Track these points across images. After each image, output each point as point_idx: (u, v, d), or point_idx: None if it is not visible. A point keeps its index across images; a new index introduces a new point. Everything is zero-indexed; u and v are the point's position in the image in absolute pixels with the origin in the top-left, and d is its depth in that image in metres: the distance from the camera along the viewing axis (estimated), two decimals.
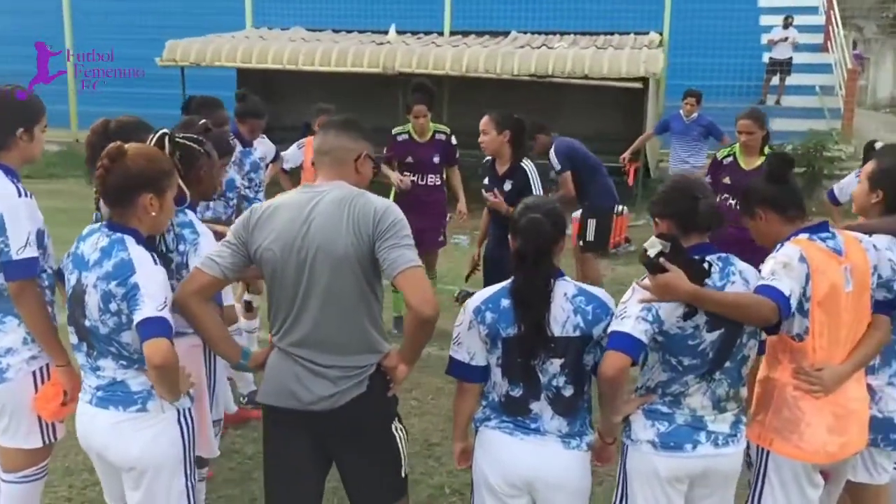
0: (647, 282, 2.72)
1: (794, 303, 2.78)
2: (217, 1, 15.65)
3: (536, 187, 5.17)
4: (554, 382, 2.79)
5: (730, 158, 5.84)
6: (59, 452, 3.99)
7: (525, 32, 13.56)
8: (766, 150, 5.78)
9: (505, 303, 2.80)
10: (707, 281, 2.74)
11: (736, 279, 2.80)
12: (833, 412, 2.91)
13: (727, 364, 2.80)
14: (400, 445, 2.93)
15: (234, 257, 2.79)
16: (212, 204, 5.36)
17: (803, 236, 2.94)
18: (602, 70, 11.00)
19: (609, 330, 2.73)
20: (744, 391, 2.93)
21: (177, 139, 3.16)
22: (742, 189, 3.25)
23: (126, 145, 2.70)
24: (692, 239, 2.82)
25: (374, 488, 2.95)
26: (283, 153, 6.66)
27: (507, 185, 5.23)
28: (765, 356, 3.03)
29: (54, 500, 4.03)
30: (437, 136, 6.52)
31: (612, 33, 13.34)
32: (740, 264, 2.86)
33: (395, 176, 6.40)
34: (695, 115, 9.45)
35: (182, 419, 2.76)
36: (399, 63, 11.38)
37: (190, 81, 12.49)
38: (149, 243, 2.77)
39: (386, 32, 13.10)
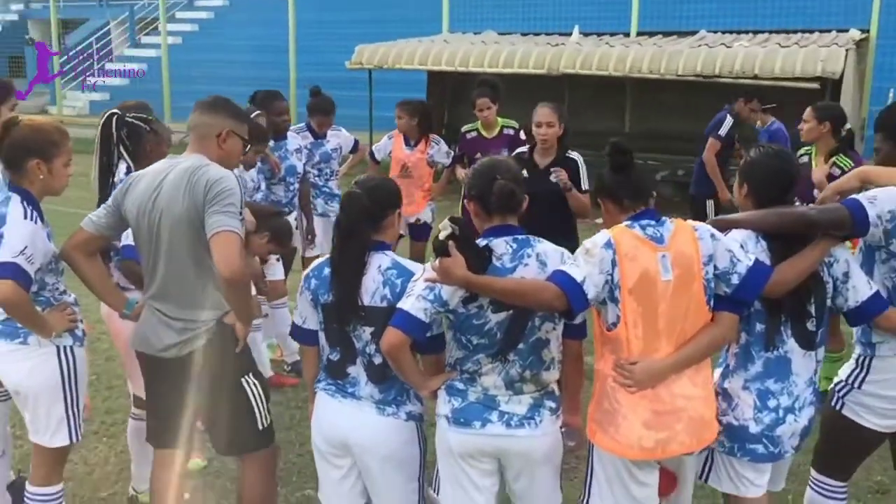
0: (436, 263, 2.81)
1: (590, 289, 2.74)
2: (416, 10, 16.51)
3: (584, 179, 5.20)
4: (367, 349, 2.96)
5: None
6: None
7: (714, 32, 12.99)
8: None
9: (326, 271, 3.01)
10: (496, 262, 2.79)
11: (530, 262, 2.81)
12: (652, 408, 2.82)
13: (520, 346, 2.82)
14: (252, 398, 3.23)
15: (108, 218, 3.23)
16: (274, 188, 5.92)
17: (625, 224, 2.88)
18: (773, 70, 10.36)
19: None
20: (549, 375, 2.91)
21: (125, 118, 3.68)
22: None
23: (21, 118, 3.23)
24: (494, 220, 2.87)
25: (230, 437, 3.29)
26: (375, 145, 7.10)
27: (553, 178, 5.28)
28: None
29: None
30: (506, 131, 6.62)
31: (810, 31, 12.43)
32: (543, 247, 2.86)
33: (462, 172, 6.59)
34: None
35: (62, 355, 3.25)
36: (563, 64, 11.44)
37: (380, 84, 13.38)
38: None
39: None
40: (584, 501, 3.01)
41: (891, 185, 2.98)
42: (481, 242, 2.83)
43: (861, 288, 2.98)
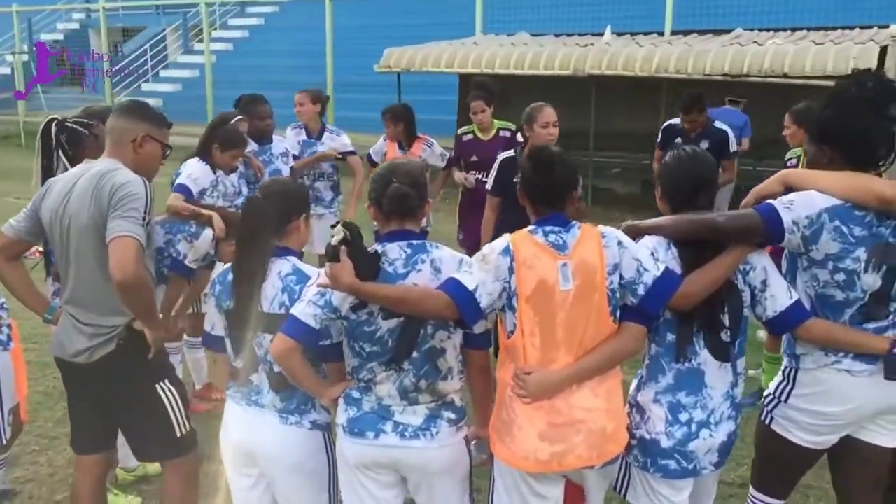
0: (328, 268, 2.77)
1: (483, 297, 2.68)
2: (451, 14, 16.47)
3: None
4: (268, 357, 2.93)
5: None
6: None
7: (751, 30, 12.64)
8: None
9: (230, 277, 2.99)
10: (387, 267, 2.74)
11: (423, 268, 2.75)
12: (548, 419, 2.73)
13: (414, 354, 2.76)
14: (168, 405, 3.23)
15: (27, 222, 3.27)
16: (244, 191, 5.93)
17: (528, 229, 2.79)
18: (804, 68, 10.02)
19: None
20: (447, 385, 2.83)
21: (65, 123, 3.73)
22: None
23: None
24: (391, 224, 2.81)
25: (146, 443, 3.30)
26: (372, 148, 7.08)
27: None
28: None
29: None
30: (502, 133, 6.55)
31: (850, 27, 12.00)
32: (440, 253, 2.80)
33: (458, 175, 6.54)
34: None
35: None
36: (589, 65, 11.27)
37: (414, 87, 13.38)
38: None
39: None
40: None
41: (812, 189, 2.83)
42: (377, 248, 2.78)
43: (780, 297, 2.84)
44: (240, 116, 5.68)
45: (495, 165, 5.50)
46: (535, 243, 2.74)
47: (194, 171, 5.01)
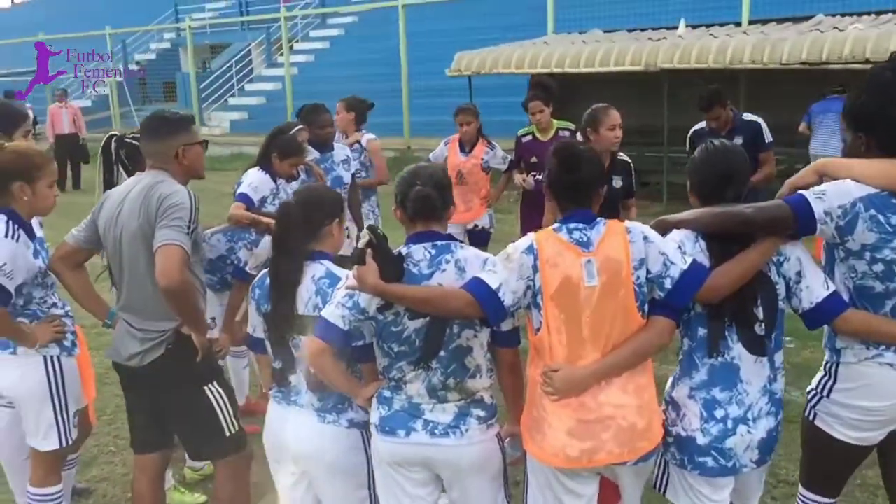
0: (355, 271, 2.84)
1: (507, 296, 2.70)
2: (523, 15, 16.45)
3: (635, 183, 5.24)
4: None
5: None
6: None
7: (833, 15, 12.23)
8: None
9: (268, 281, 3.10)
10: (412, 269, 2.78)
11: (448, 268, 2.79)
12: (577, 416, 2.73)
13: (441, 353, 2.80)
14: (217, 406, 3.36)
15: (86, 232, 3.44)
16: None
17: (552, 227, 2.81)
18: (886, 52, 9.62)
19: None
20: (476, 383, 2.86)
21: (124, 139, 3.92)
22: None
23: (6, 143, 3.49)
24: (417, 226, 2.86)
25: (196, 443, 3.44)
26: (432, 153, 7.15)
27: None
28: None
29: None
30: (561, 133, 6.53)
31: None
32: (464, 253, 2.83)
33: (518, 177, 6.54)
34: None
35: (49, 364, 3.48)
36: (661, 59, 11.10)
37: (486, 90, 13.44)
38: None
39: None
40: None
41: (848, 178, 2.75)
42: (402, 250, 2.84)
43: (816, 288, 2.77)
44: (300, 126, 5.82)
45: None
46: (559, 241, 2.75)
47: (254, 181, 5.16)
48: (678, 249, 2.77)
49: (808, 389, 3.01)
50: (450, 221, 7.06)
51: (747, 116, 6.40)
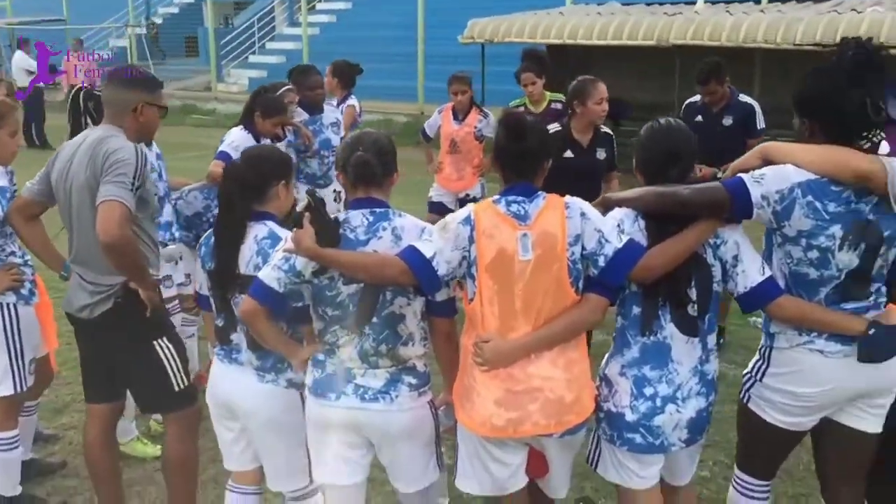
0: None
1: (441, 265, 2.72)
2: None
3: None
4: None
5: None
6: None
7: None
8: None
9: (213, 240, 3.13)
10: (349, 234, 2.80)
11: (384, 235, 2.81)
12: (505, 386, 2.76)
13: (374, 320, 2.82)
14: (165, 361, 3.41)
15: (41, 184, 3.47)
16: (308, 161, 6.11)
17: (493, 198, 2.81)
18: None
19: None
20: (408, 350, 2.89)
21: (92, 91, 3.95)
22: None
23: None
24: (358, 192, 2.87)
25: (145, 396, 3.50)
26: (426, 122, 7.13)
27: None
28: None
29: None
30: (553, 106, 6.48)
31: None
32: (402, 221, 2.85)
33: None
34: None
35: (4, 311, 3.55)
36: (674, 35, 10.97)
37: (497, 58, 13.31)
38: None
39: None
40: (455, 475, 2.99)
41: (789, 163, 2.73)
42: (341, 216, 2.85)
43: (751, 273, 2.76)
44: (288, 86, 5.83)
45: None
46: (496, 213, 2.76)
47: (236, 139, 5.20)
48: (616, 227, 2.77)
49: (744, 373, 3.02)
50: (444, 189, 7.06)
51: (743, 98, 6.21)
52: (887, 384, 2.83)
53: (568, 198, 2.82)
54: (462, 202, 6.94)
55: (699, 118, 6.34)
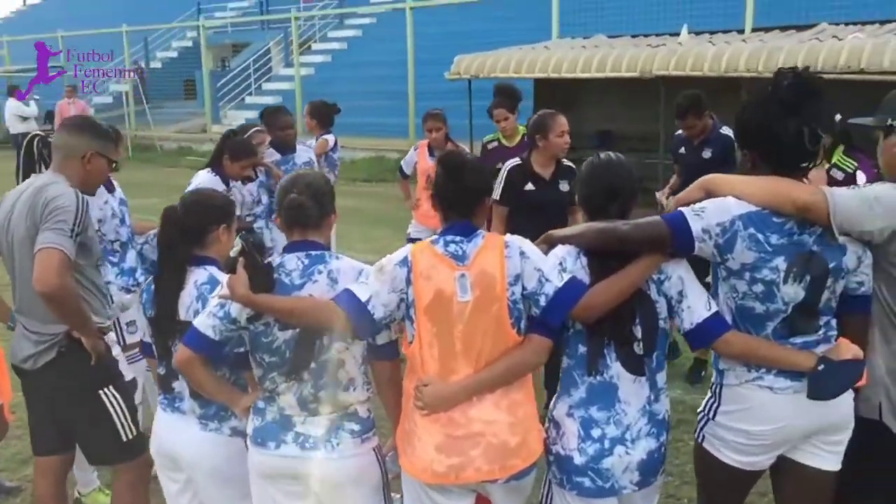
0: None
1: (378, 309, 2.67)
2: (528, 19, 16.38)
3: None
4: None
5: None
6: None
7: (837, 24, 12.02)
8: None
9: (153, 286, 3.08)
10: (284, 279, 2.75)
11: (320, 279, 2.75)
12: (445, 431, 2.70)
13: (312, 365, 2.76)
14: (112, 411, 3.34)
15: None
16: (264, 199, 6.07)
17: (430, 239, 2.77)
18: (882, 63, 9.45)
19: None
20: (349, 396, 2.82)
21: (47, 139, 3.93)
22: None
23: None
24: (294, 235, 2.83)
25: (93, 448, 3.43)
26: (403, 159, 7.13)
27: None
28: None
29: None
30: (527, 140, 6.43)
31: None
32: (339, 264, 2.80)
33: None
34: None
35: None
36: (657, 66, 10.97)
37: (484, 93, 13.31)
38: None
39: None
40: None
41: (730, 195, 2.67)
42: (276, 260, 2.80)
43: (697, 308, 2.70)
44: (258, 127, 5.83)
45: (502, 173, 5.40)
46: (434, 254, 2.70)
47: (203, 182, 5.18)
48: (558, 266, 2.72)
49: (697, 411, 2.94)
50: (422, 226, 6.99)
51: (725, 130, 6.14)
52: (842, 421, 2.75)
53: (508, 236, 2.77)
54: None
55: (682, 150, 6.35)
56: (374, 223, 11.77)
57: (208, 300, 2.91)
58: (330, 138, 6.96)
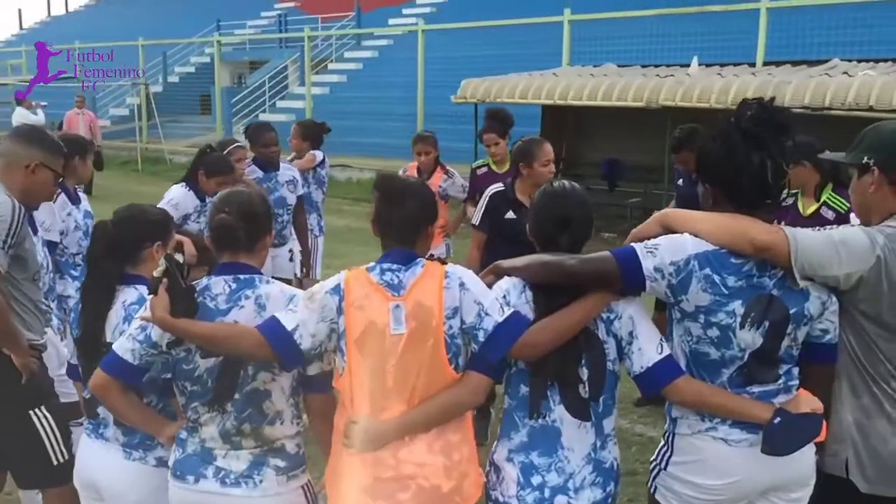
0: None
1: (305, 339, 2.50)
2: (540, 46, 16.28)
3: None
4: None
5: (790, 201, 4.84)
6: None
7: (849, 60, 11.84)
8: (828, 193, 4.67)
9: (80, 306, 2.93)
10: (209, 303, 2.59)
11: (247, 304, 2.59)
12: (373, 473, 2.52)
13: (236, 396, 2.59)
14: (43, 432, 3.19)
15: None
16: None
17: (367, 265, 2.60)
18: (891, 101, 9.26)
19: None
20: (275, 430, 2.65)
21: None
22: None
23: None
24: (224, 256, 2.67)
25: (22, 470, 3.26)
26: None
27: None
28: None
29: None
30: (512, 166, 6.28)
31: None
32: (268, 289, 2.64)
33: (471, 210, 6.29)
34: None
35: None
36: (663, 97, 10.83)
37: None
38: None
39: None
40: None
41: (688, 231, 2.50)
42: (203, 282, 2.64)
43: (648, 351, 2.51)
44: (238, 143, 5.71)
45: (483, 198, 5.24)
46: (368, 282, 2.54)
47: (175, 197, 5.07)
48: (501, 299, 2.54)
49: (650, 459, 2.75)
50: None
51: None
52: (801, 477, 2.56)
53: (449, 266, 2.60)
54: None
55: (680, 182, 6.22)
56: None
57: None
58: (318, 154, 6.85)
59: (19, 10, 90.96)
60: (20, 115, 15.69)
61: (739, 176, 2.44)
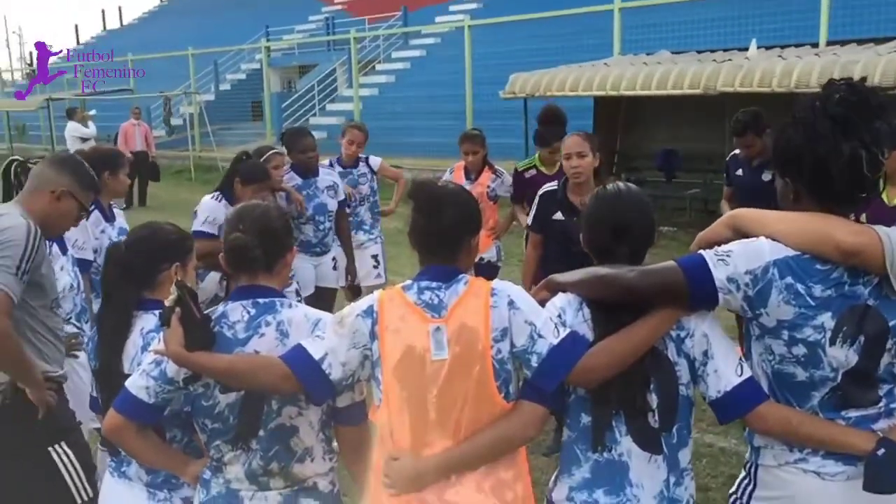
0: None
1: (335, 369, 2.25)
2: (591, 36, 15.84)
3: None
4: None
5: None
6: None
7: None
8: None
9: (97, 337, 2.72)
10: (227, 332, 2.34)
11: (267, 332, 2.34)
12: None
13: (261, 433, 2.34)
14: (64, 470, 2.99)
15: None
16: (302, 227, 5.73)
17: (404, 284, 2.32)
18: None
19: None
20: (305, 468, 2.39)
21: (27, 164, 3.65)
22: None
23: None
24: (241, 279, 2.42)
25: None
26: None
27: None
28: None
29: None
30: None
31: None
32: (290, 314, 2.38)
33: (522, 217, 5.95)
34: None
35: None
36: (721, 83, 10.33)
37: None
38: None
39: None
40: None
41: (763, 235, 2.17)
42: (219, 310, 2.40)
43: (726, 373, 2.19)
44: (275, 150, 5.50)
45: (536, 199, 4.95)
46: (405, 302, 2.27)
47: (208, 213, 4.91)
48: (555, 318, 2.25)
49: (729, 492, 2.42)
50: None
51: None
52: None
53: (496, 283, 2.31)
54: (477, 266, 6.44)
55: (739, 171, 5.91)
56: None
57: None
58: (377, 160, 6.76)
59: (76, 26, 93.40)
60: (73, 129, 15.82)
61: (827, 168, 2.10)
